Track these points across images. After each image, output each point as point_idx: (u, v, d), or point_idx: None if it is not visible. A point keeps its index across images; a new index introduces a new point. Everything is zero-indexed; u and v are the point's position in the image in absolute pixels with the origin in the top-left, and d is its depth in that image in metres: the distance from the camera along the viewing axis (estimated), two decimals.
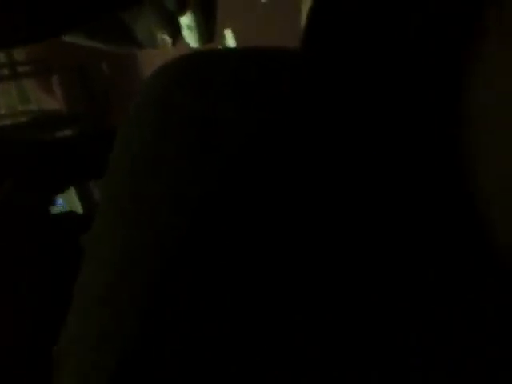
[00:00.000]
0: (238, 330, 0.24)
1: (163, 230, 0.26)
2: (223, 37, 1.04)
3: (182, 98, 0.29)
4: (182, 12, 0.94)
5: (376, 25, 0.28)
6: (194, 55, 0.32)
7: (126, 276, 0.26)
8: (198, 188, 0.26)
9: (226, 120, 0.27)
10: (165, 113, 0.29)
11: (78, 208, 2.44)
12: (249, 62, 0.31)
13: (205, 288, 0.24)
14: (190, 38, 0.99)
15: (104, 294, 0.27)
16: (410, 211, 0.26)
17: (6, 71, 2.65)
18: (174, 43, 0.99)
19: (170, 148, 0.28)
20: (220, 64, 0.30)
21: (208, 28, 1.00)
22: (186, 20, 0.97)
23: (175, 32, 0.98)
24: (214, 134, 0.27)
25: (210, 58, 0.31)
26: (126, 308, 0.25)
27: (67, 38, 0.97)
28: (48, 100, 2.82)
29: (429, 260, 0.25)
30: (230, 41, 1.03)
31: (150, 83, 0.32)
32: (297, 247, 0.25)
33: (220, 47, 0.99)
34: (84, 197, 2.42)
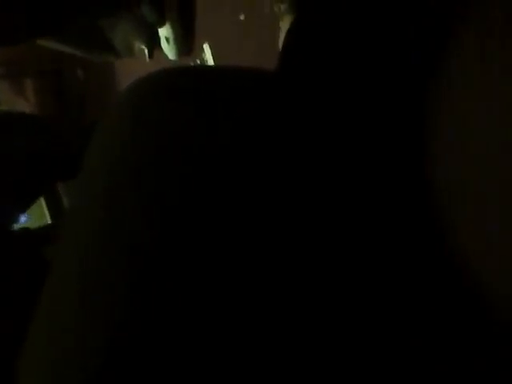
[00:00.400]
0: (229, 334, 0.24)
1: (137, 240, 0.25)
2: (201, 51, 1.04)
3: (157, 113, 0.29)
4: (161, 24, 0.93)
5: (351, 51, 0.28)
6: (171, 71, 0.32)
7: (94, 291, 0.25)
8: (170, 201, 0.26)
9: (198, 136, 0.27)
10: (140, 127, 0.28)
11: (47, 216, 2.39)
12: (224, 80, 0.31)
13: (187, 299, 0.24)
14: (168, 50, 0.99)
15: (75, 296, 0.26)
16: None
17: None
18: (151, 54, 0.99)
19: (142, 162, 0.27)
20: (197, 82, 0.30)
21: (186, 41, 1.00)
22: (164, 32, 0.97)
23: (153, 43, 0.97)
24: (186, 151, 0.27)
25: (187, 75, 0.31)
26: (93, 330, 0.25)
27: (42, 42, 0.96)
28: (20, 103, 2.77)
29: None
30: (208, 55, 1.03)
31: (127, 95, 0.32)
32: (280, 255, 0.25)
33: (197, 61, 1.00)
34: (53, 205, 2.38)
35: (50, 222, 2.30)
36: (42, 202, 2.38)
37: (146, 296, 0.24)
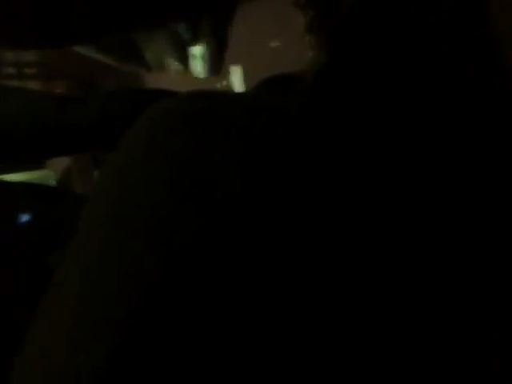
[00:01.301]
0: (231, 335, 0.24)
1: (142, 266, 0.26)
2: (230, 72, 1.05)
3: (170, 138, 0.29)
4: (194, 42, 0.95)
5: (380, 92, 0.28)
6: (186, 96, 0.32)
7: (93, 314, 0.25)
8: (180, 229, 0.26)
9: (212, 164, 0.28)
10: (153, 152, 0.29)
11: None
12: (253, 114, 0.31)
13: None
14: (198, 68, 1.01)
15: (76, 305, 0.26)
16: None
17: (11, 70, 2.66)
18: (181, 70, 1.01)
19: (154, 187, 0.27)
20: (223, 115, 0.30)
21: (216, 61, 1.02)
22: (196, 50, 0.98)
23: (184, 60, 0.99)
24: (198, 178, 0.27)
25: (215, 105, 0.31)
26: (101, 317, 0.25)
27: (78, 48, 0.98)
28: None
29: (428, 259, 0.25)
30: (236, 77, 1.05)
31: (143, 119, 0.32)
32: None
33: (225, 82, 1.01)
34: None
35: None
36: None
37: (147, 322, 0.24)
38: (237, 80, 1.05)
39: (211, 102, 0.32)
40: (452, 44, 0.28)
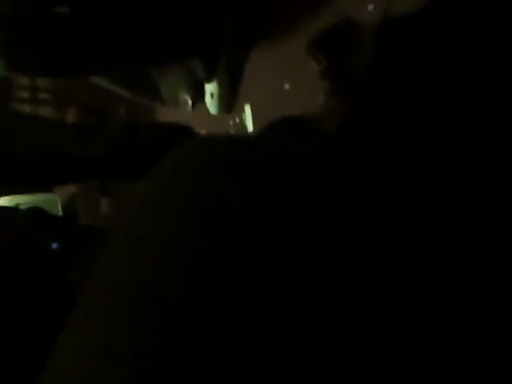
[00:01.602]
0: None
1: (169, 305, 0.26)
2: (241, 110, 1.07)
3: (199, 186, 0.29)
4: (209, 80, 0.97)
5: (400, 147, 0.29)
6: (217, 143, 0.33)
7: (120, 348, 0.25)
8: (206, 270, 0.26)
9: (241, 208, 0.28)
10: (182, 195, 0.29)
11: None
12: (273, 159, 0.31)
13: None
14: (211, 105, 1.03)
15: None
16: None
17: (25, 94, 2.70)
18: (194, 106, 1.02)
19: (180, 228, 0.28)
20: (245, 160, 0.31)
21: (229, 99, 1.04)
22: (210, 88, 1.00)
23: (197, 96, 1.01)
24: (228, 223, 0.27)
25: (238, 151, 0.32)
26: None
27: (93, 79, 1.00)
28: None
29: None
30: (248, 116, 1.07)
31: (176, 161, 0.32)
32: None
33: (237, 119, 1.03)
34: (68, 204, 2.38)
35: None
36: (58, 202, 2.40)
37: (171, 366, 0.24)
38: (249, 119, 1.07)
39: (233, 147, 0.32)
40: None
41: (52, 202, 2.36)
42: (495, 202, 0.27)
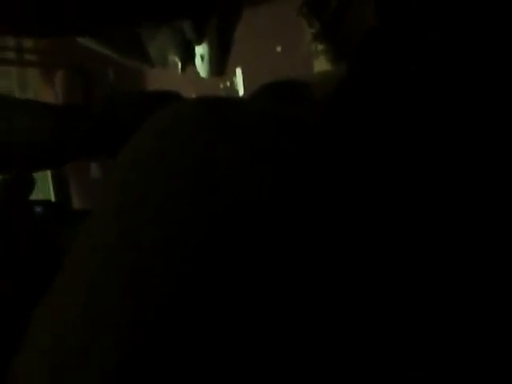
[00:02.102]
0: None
1: (149, 265, 0.25)
2: (233, 74, 1.05)
3: (189, 149, 0.28)
4: (199, 42, 0.95)
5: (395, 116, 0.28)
6: (209, 105, 0.32)
7: (101, 310, 0.25)
8: (190, 234, 0.26)
9: (232, 172, 0.27)
10: (171, 156, 0.28)
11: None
12: (264, 122, 0.31)
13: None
14: (201, 68, 1.01)
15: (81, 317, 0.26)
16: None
17: (12, 55, 2.64)
18: (183, 69, 1.01)
19: (169, 192, 0.27)
20: (236, 123, 0.30)
21: (220, 62, 1.02)
22: (200, 50, 0.98)
23: (187, 58, 0.99)
24: (215, 191, 0.27)
25: (226, 111, 0.31)
26: (106, 338, 0.24)
27: (79, 39, 0.98)
28: (47, 93, 2.81)
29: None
30: (239, 80, 1.05)
31: (159, 122, 0.31)
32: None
33: (228, 83, 1.01)
34: (59, 186, 2.37)
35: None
36: (50, 183, 2.39)
37: (154, 324, 0.24)
38: (240, 83, 1.05)
39: (224, 108, 0.32)
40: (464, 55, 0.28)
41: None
42: (495, 200, 0.26)
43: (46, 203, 0.70)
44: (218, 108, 0.31)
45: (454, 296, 0.25)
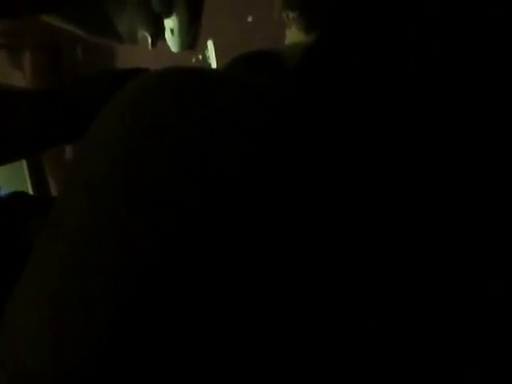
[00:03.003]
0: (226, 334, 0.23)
1: (130, 237, 0.25)
2: (204, 47, 1.03)
3: (165, 114, 0.28)
4: (167, 14, 0.93)
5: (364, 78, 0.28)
6: (179, 72, 0.31)
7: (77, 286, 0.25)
8: (168, 203, 0.25)
9: (205, 140, 0.27)
10: (145, 126, 0.28)
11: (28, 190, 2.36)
12: (233, 91, 0.30)
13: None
14: (172, 42, 0.99)
15: (57, 293, 0.25)
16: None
17: None
18: (154, 44, 0.98)
19: (143, 171, 0.27)
20: (207, 85, 0.30)
21: (191, 35, 1.00)
22: (170, 23, 0.96)
23: (157, 33, 0.97)
24: (195, 160, 0.26)
25: (197, 77, 0.31)
26: (85, 307, 0.24)
27: (44, 18, 0.95)
28: (16, 75, 2.74)
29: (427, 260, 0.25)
30: (211, 52, 1.03)
31: (133, 91, 0.31)
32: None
33: (200, 56, 0.99)
34: (35, 174, 2.34)
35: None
36: (26, 171, 2.36)
37: (138, 293, 0.24)
38: (212, 55, 1.03)
39: (188, 78, 0.31)
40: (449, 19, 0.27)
41: None
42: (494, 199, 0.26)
43: (18, 195, 0.69)
44: (183, 77, 0.31)
45: (454, 296, 0.25)
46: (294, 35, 0.64)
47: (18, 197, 0.71)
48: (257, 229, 0.25)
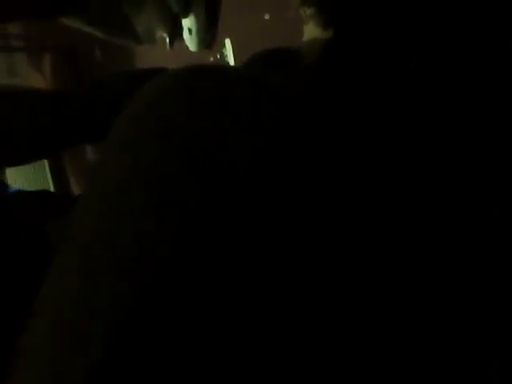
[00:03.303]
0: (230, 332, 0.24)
1: (146, 243, 0.25)
2: (222, 45, 1.04)
3: (177, 117, 0.28)
4: (185, 14, 0.93)
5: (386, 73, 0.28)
6: (199, 71, 0.31)
7: (100, 282, 0.25)
8: (184, 205, 0.25)
9: (223, 140, 0.27)
10: (164, 127, 0.28)
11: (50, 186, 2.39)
12: (249, 89, 0.30)
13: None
14: (190, 42, 0.99)
15: (78, 295, 0.26)
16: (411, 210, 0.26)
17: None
18: (172, 44, 0.99)
19: (163, 162, 0.27)
20: (217, 87, 0.30)
21: (208, 34, 1.00)
22: (187, 22, 0.96)
23: (175, 33, 0.97)
24: (209, 154, 0.27)
25: (209, 79, 0.31)
26: (104, 308, 0.24)
27: (64, 21, 0.96)
28: (35, 77, 2.78)
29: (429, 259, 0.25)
30: (228, 50, 1.03)
31: (152, 91, 0.31)
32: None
33: (218, 55, 1.00)
34: (57, 174, 2.37)
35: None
36: (48, 172, 2.39)
37: (150, 301, 0.24)
38: (230, 54, 1.04)
39: (205, 76, 0.31)
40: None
41: None
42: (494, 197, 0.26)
43: (39, 194, 0.69)
44: (199, 76, 0.31)
45: (454, 295, 0.24)
46: (311, 31, 0.63)
47: (35, 195, 0.71)
48: (267, 225, 0.25)
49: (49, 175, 2.42)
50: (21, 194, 0.70)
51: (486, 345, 0.24)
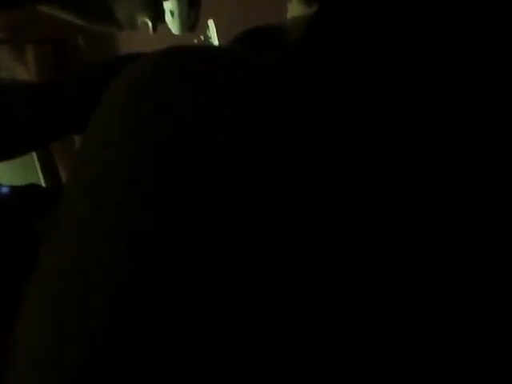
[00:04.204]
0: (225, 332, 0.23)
1: (137, 225, 0.25)
2: (205, 27, 1.02)
3: (167, 96, 0.28)
4: None
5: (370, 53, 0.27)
6: (180, 53, 0.31)
7: (91, 278, 0.25)
8: (175, 188, 0.25)
9: (208, 121, 0.27)
10: (148, 110, 0.28)
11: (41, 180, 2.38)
12: (234, 68, 0.30)
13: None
14: (172, 25, 0.98)
15: (67, 289, 0.26)
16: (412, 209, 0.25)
17: None
18: (154, 28, 0.97)
19: (148, 145, 0.27)
20: (208, 65, 0.29)
21: (191, 16, 0.98)
22: (169, 6, 0.95)
23: (157, 17, 0.96)
24: (195, 136, 0.26)
25: (198, 58, 0.30)
26: (93, 306, 0.24)
27: (44, 9, 0.94)
28: (20, 69, 2.74)
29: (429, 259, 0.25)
30: (212, 32, 1.02)
31: (134, 74, 0.31)
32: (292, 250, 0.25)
33: (201, 37, 0.98)
34: (47, 167, 2.35)
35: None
36: (37, 166, 2.37)
37: (144, 284, 0.24)
38: (214, 35, 1.03)
39: (188, 57, 0.31)
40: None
41: None
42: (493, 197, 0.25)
43: (29, 190, 0.69)
44: (183, 56, 0.30)
45: (454, 295, 0.24)
46: (295, 9, 0.63)
47: (25, 192, 0.71)
48: (261, 208, 0.25)
49: (38, 169, 2.40)
50: (9, 193, 0.69)
51: (486, 345, 0.24)
